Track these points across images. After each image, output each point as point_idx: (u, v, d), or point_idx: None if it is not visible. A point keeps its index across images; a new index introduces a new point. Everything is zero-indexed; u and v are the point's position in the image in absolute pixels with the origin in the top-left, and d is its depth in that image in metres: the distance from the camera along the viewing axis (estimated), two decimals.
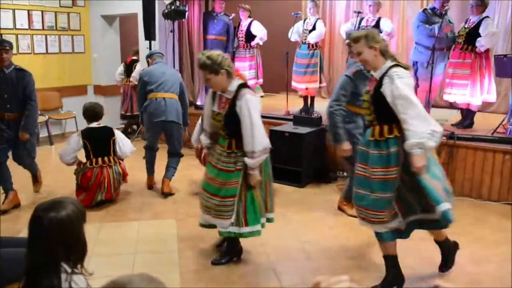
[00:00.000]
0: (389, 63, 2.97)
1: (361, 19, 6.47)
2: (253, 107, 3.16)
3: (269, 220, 3.54)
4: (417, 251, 3.76)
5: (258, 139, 3.16)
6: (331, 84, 8.74)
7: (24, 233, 4.00)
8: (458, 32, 5.81)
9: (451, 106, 6.62)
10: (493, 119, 6.14)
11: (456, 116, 6.24)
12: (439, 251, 3.76)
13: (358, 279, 3.30)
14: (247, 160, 3.20)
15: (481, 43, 5.50)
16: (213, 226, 3.52)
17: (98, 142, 4.81)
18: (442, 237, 3.34)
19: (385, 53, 3.00)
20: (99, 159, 4.75)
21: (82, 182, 4.70)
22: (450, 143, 5.19)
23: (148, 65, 5.37)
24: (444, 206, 2.86)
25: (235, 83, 3.25)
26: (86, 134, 4.80)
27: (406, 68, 3.00)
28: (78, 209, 1.89)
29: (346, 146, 4.11)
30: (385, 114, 2.96)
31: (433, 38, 5.59)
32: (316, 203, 4.98)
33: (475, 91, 5.65)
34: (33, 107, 4.72)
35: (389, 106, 2.91)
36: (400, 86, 2.84)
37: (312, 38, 6.91)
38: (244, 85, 3.28)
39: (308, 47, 6.95)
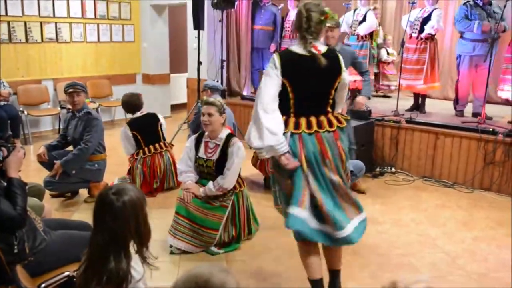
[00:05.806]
0: None
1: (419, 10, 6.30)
2: (241, 155, 3.61)
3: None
4: (470, 252, 3.65)
5: (232, 179, 3.58)
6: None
7: (75, 216, 4.13)
8: None
9: (507, 102, 6.32)
10: None
11: None
12: (494, 253, 3.63)
13: (410, 277, 3.21)
14: (211, 184, 3.57)
15: None
16: None
17: (147, 130, 4.85)
18: None
19: None
20: (151, 147, 4.81)
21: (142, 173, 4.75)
22: (507, 141, 4.96)
23: None
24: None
25: (224, 132, 3.67)
26: (133, 125, 4.80)
27: None
28: (141, 193, 1.93)
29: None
30: None
31: (479, 31, 5.53)
32: (362, 197, 4.87)
33: None
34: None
35: None
36: None
37: (362, 30, 6.76)
38: (232, 135, 3.73)
39: (357, 38, 6.81)
